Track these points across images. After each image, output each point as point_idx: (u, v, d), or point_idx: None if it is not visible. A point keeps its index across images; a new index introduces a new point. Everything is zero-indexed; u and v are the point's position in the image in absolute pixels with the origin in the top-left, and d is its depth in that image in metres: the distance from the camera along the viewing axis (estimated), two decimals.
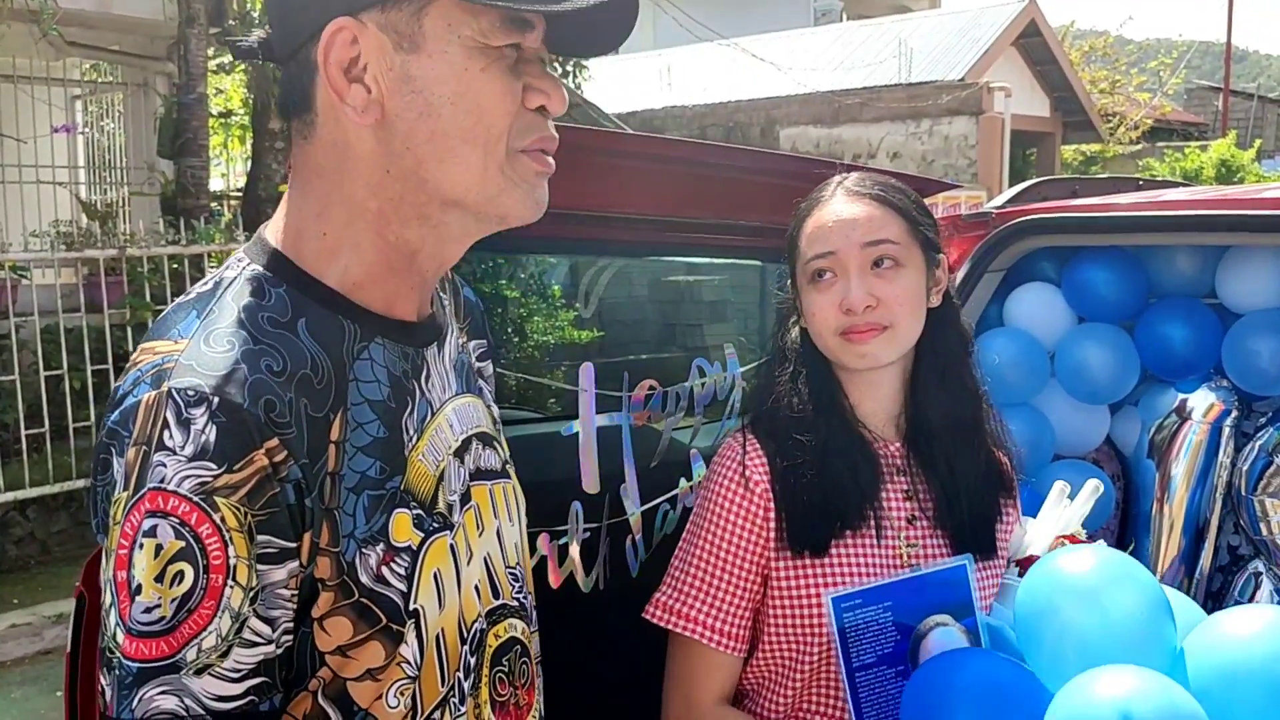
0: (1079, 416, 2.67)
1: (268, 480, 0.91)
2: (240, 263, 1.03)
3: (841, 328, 1.47)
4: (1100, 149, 18.25)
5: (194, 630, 0.89)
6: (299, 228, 1.04)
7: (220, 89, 10.30)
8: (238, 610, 0.90)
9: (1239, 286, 2.51)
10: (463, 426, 1.14)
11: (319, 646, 0.97)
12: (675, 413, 1.87)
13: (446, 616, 1.05)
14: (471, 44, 0.97)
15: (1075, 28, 21.63)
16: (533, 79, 1.00)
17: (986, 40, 14.41)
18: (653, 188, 1.85)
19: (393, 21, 0.97)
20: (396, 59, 0.98)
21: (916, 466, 1.54)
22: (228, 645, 0.90)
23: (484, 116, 0.98)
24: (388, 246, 1.04)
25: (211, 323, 0.97)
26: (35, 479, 6.05)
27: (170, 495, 0.89)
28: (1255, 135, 20.47)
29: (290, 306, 1.00)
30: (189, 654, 0.89)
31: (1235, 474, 2.47)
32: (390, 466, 1.02)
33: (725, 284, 2.86)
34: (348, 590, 0.97)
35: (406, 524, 1.01)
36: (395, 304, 1.07)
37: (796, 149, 13.69)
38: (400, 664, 1.00)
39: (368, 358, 1.03)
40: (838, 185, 1.55)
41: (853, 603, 1.39)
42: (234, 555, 0.90)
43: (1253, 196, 2.54)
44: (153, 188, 8.20)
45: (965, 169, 13.05)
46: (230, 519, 0.90)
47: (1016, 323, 2.65)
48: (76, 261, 6.45)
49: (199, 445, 0.89)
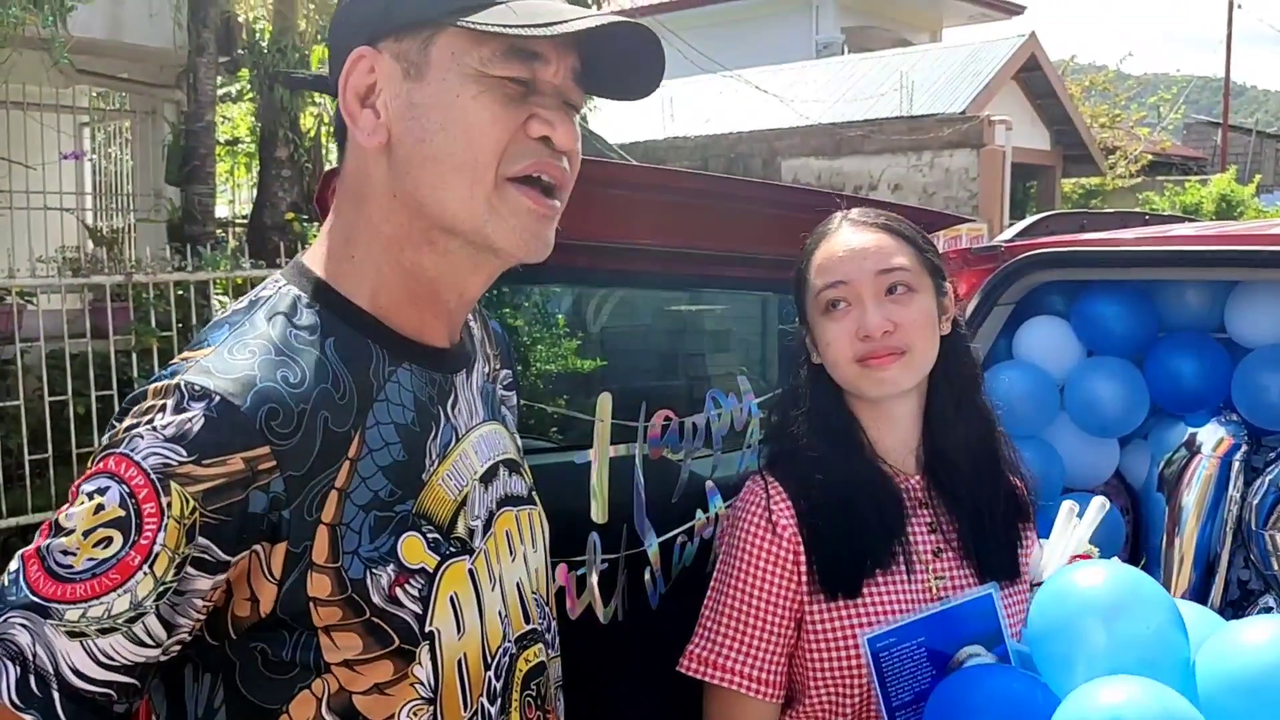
0: (1089, 449, 2.68)
1: (235, 486, 0.92)
2: (276, 284, 1.07)
3: (859, 355, 1.47)
4: (1100, 182, 18.33)
5: (88, 594, 0.90)
6: (332, 252, 1.09)
7: (227, 117, 10.37)
8: (140, 599, 0.91)
9: (1248, 321, 2.52)
10: (490, 453, 1.16)
11: (325, 656, 0.98)
12: (693, 444, 1.88)
13: (467, 641, 1.06)
14: (470, 72, 1.00)
15: (1075, 62, 21.80)
16: (540, 109, 1.02)
17: (987, 74, 14.51)
18: (656, 218, 1.87)
19: (404, 50, 1.02)
20: (404, 86, 1.02)
21: (938, 498, 1.54)
22: (112, 625, 0.90)
23: (472, 142, 1.01)
24: (406, 273, 1.07)
25: (240, 335, 1.00)
26: (38, 505, 6.03)
27: (132, 464, 0.91)
28: (1254, 170, 20.58)
29: (320, 326, 1.03)
30: (70, 613, 0.89)
31: (1245, 508, 2.47)
32: (403, 490, 1.03)
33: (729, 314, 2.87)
34: (356, 608, 0.98)
35: (419, 547, 1.03)
36: (425, 330, 1.10)
37: (798, 180, 13.76)
38: (413, 684, 1.01)
39: (396, 381, 1.05)
40: (842, 219, 1.57)
41: (887, 641, 1.40)
42: (161, 544, 0.91)
43: (1262, 232, 2.56)
44: (159, 214, 8.24)
45: (966, 201, 13.11)
46: (177, 508, 0.91)
47: (1026, 356, 2.67)
48: (83, 287, 6.48)
49: (180, 431, 0.92)
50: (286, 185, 8.45)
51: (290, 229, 8.17)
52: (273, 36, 8.44)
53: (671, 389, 2.27)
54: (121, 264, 6.83)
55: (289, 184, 8.47)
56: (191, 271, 6.65)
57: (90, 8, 6.64)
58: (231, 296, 7.08)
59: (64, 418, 6.16)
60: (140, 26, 7.52)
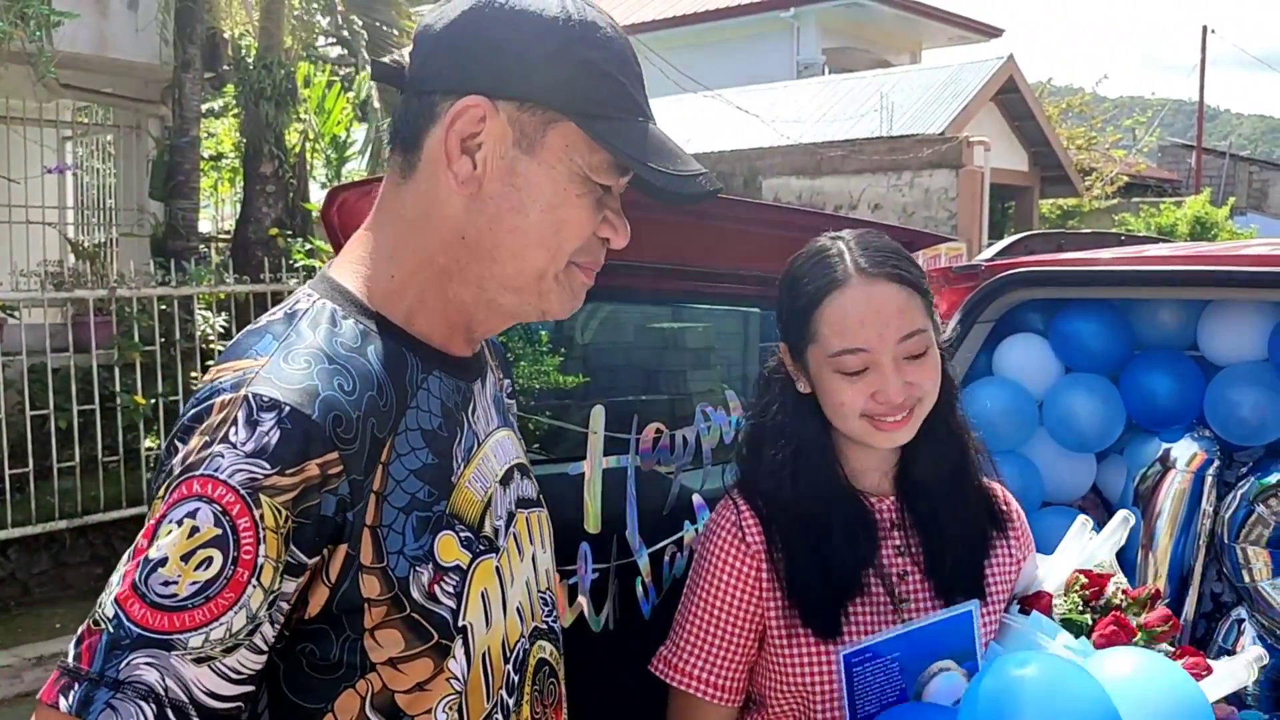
0: (1066, 464, 2.73)
1: (313, 490, 0.96)
2: (310, 297, 1.10)
3: (869, 413, 1.46)
4: (1077, 203, 18.52)
5: (207, 618, 0.91)
6: (369, 267, 1.12)
7: (212, 133, 10.37)
8: (254, 611, 0.93)
9: (1219, 339, 2.58)
10: (505, 457, 1.22)
11: (370, 656, 1.01)
12: (684, 458, 1.92)
13: (493, 635, 1.11)
14: (578, 171, 1.07)
15: (1052, 85, 22.04)
16: (611, 214, 1.12)
17: (966, 95, 14.67)
18: (643, 236, 1.90)
19: (522, 121, 1.06)
20: (511, 152, 1.07)
21: (909, 519, 1.55)
22: (235, 643, 0.93)
23: (563, 232, 1.09)
24: (446, 302, 1.12)
25: (290, 345, 1.03)
26: (17, 519, 6.00)
27: (220, 484, 0.93)
28: (1228, 192, 20.84)
29: (360, 335, 1.07)
30: (193, 640, 0.91)
31: (1218, 522, 2.52)
32: (438, 491, 1.08)
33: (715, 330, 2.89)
34: (400, 605, 1.02)
35: (453, 545, 1.07)
36: (450, 343, 1.15)
37: (779, 199, 13.85)
38: (449, 679, 1.06)
39: (427, 389, 1.10)
40: (850, 261, 1.49)
41: (864, 657, 1.42)
42: (264, 555, 0.93)
43: (1233, 253, 2.62)
44: (143, 229, 8.23)
45: (945, 221, 13.22)
46: (270, 519, 0.93)
47: (1005, 373, 2.72)
48: (65, 301, 6.46)
49: (260, 444, 0.94)
50: (270, 201, 8.46)
51: (274, 244, 8.17)
52: (258, 53, 8.46)
53: (661, 403, 2.31)
54: (104, 278, 6.82)
55: (273, 199, 8.48)
56: (175, 286, 6.65)
57: (76, 22, 6.64)
58: (215, 311, 7.08)
59: (45, 432, 6.14)
60: (126, 42, 7.54)
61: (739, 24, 20.47)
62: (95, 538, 6.40)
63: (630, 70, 1.09)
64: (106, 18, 7.42)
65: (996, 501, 1.64)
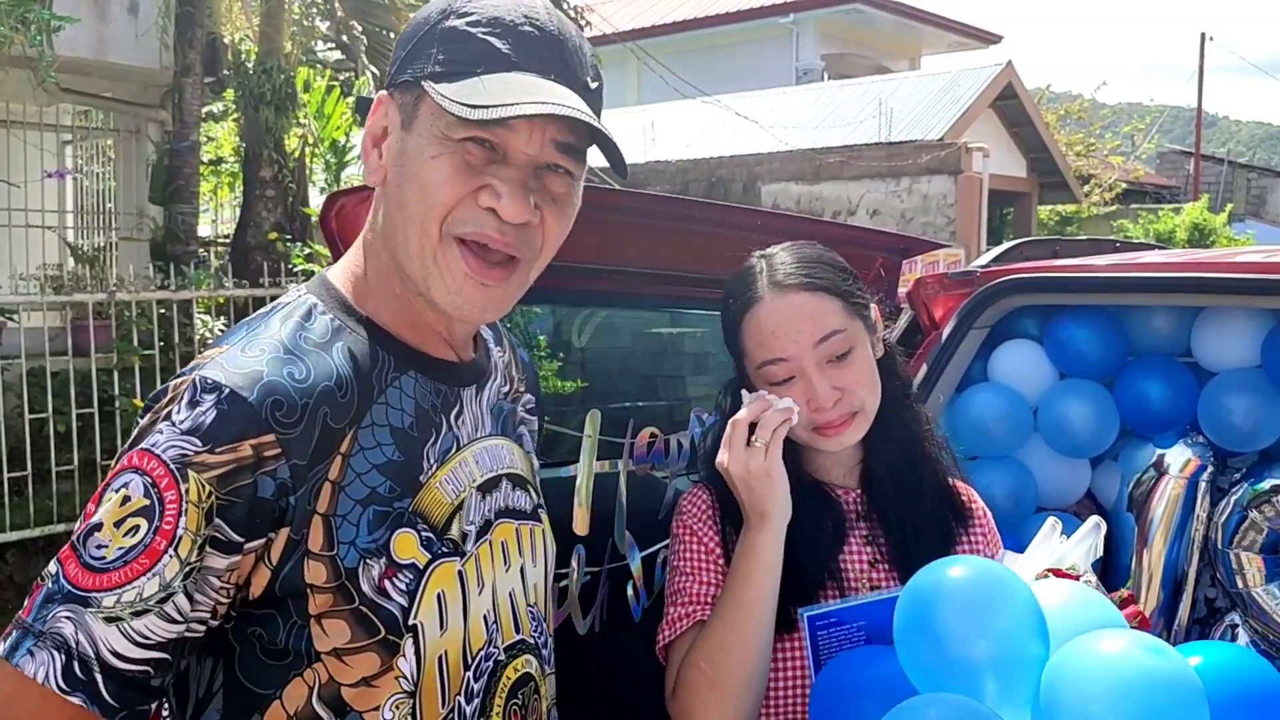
0: (1061, 470, 2.74)
1: (243, 470, 1.00)
2: (297, 292, 1.15)
3: (813, 424, 1.50)
4: (1075, 209, 18.56)
5: (122, 580, 0.97)
6: (351, 268, 1.18)
7: (211, 137, 10.39)
8: (168, 580, 0.98)
9: (1213, 346, 2.59)
10: (492, 465, 1.21)
11: (316, 645, 1.04)
12: (678, 462, 1.93)
13: (449, 639, 1.11)
14: (438, 134, 1.07)
15: (1051, 91, 22.10)
16: (495, 180, 1.07)
17: (965, 102, 14.71)
18: (638, 241, 1.92)
19: (405, 102, 1.10)
20: (400, 134, 1.10)
21: (874, 510, 1.58)
22: (144, 608, 0.98)
23: (424, 197, 1.07)
24: (399, 299, 1.14)
25: (255, 335, 1.09)
26: (16, 522, 6.00)
27: (153, 457, 1.00)
28: (1226, 199, 20.87)
29: (331, 331, 1.10)
30: (106, 599, 0.97)
31: (1212, 528, 2.53)
32: (401, 488, 1.09)
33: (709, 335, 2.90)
34: (347, 595, 1.04)
35: (411, 543, 1.09)
36: (427, 345, 1.16)
37: (778, 205, 13.88)
38: (397, 678, 1.07)
39: (399, 387, 1.12)
40: (763, 278, 1.54)
41: (827, 621, 1.43)
42: (184, 527, 0.98)
43: (1226, 260, 2.64)
44: (142, 233, 8.24)
45: (944, 227, 13.25)
46: (194, 493, 0.98)
47: (1000, 378, 2.73)
48: (65, 305, 6.47)
49: (195, 423, 1.00)
50: (270, 205, 8.48)
51: (273, 249, 8.18)
52: (258, 58, 8.48)
53: (656, 408, 2.32)
54: (104, 282, 6.83)
55: (272, 204, 8.49)
56: (174, 290, 6.66)
57: (77, 27, 6.66)
58: (214, 316, 7.09)
59: (43, 435, 6.14)
60: (126, 46, 7.55)
61: (739, 30, 20.53)
62: None
63: (504, 25, 1.07)
64: (107, 22, 7.44)
65: (959, 496, 1.66)
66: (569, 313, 2.96)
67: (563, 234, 1.15)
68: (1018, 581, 1.34)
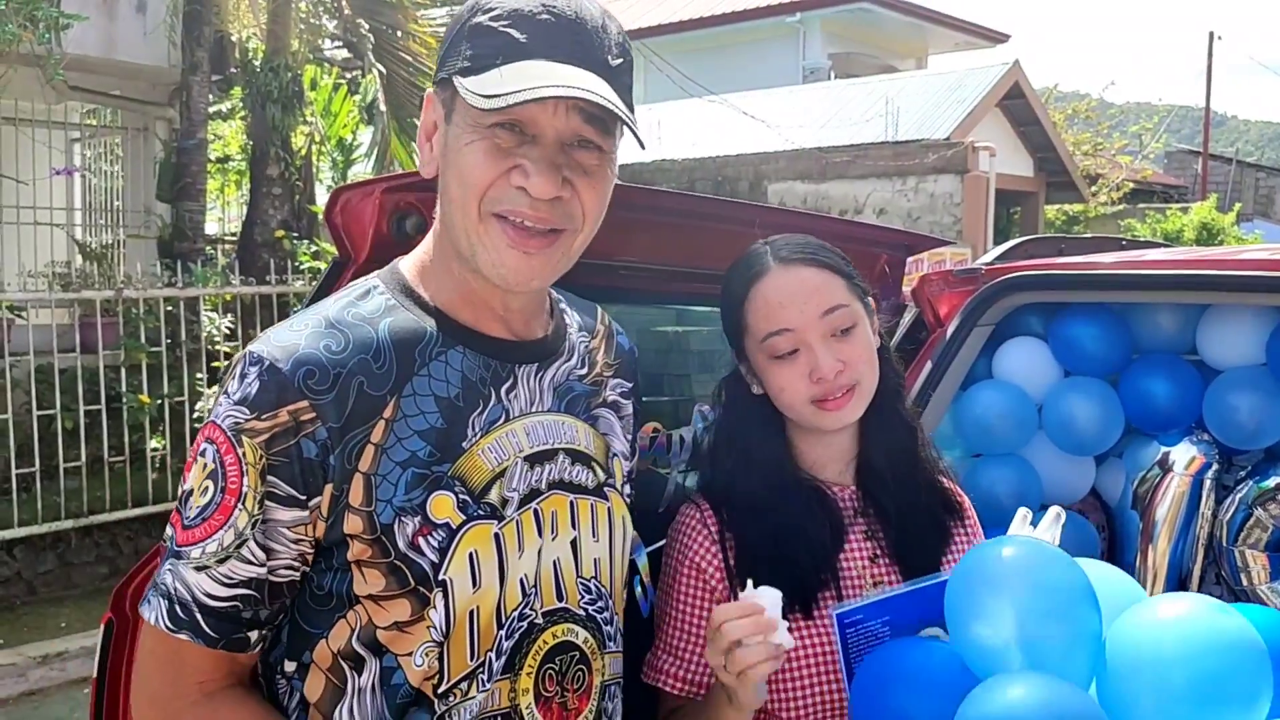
0: (1065, 467, 2.74)
1: (286, 433, 1.12)
2: (367, 280, 1.27)
3: (814, 397, 1.51)
4: (1083, 209, 18.52)
5: (205, 534, 1.13)
6: (420, 255, 1.29)
7: (219, 135, 10.41)
8: (241, 530, 1.13)
9: (1218, 344, 2.59)
10: (547, 438, 1.27)
11: (355, 589, 1.16)
12: (680, 457, 1.93)
13: (482, 596, 1.18)
14: (471, 123, 1.16)
15: (1058, 90, 22.05)
16: (525, 160, 1.15)
17: (971, 101, 14.68)
18: (646, 237, 1.92)
19: (445, 98, 1.19)
20: (445, 128, 1.20)
21: (871, 506, 1.59)
22: (226, 555, 1.13)
23: (464, 181, 1.17)
24: (459, 281, 1.24)
25: (307, 312, 1.22)
26: (23, 519, 6.03)
27: (217, 428, 1.14)
28: (1234, 198, 20.82)
29: (384, 309, 1.22)
30: (194, 551, 1.14)
31: (1217, 525, 2.53)
32: (442, 453, 1.18)
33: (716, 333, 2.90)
34: (384, 549, 1.14)
35: (448, 504, 1.17)
36: (482, 324, 1.25)
37: (784, 204, 13.87)
38: (428, 627, 1.15)
39: (444, 360, 1.21)
40: (768, 255, 1.56)
41: (855, 617, 1.44)
42: (247, 485, 1.12)
43: (1231, 258, 2.63)
44: (149, 230, 8.27)
45: (950, 226, 13.23)
46: (250, 455, 1.12)
47: (1005, 376, 2.73)
48: (72, 302, 6.50)
49: (244, 394, 1.13)
50: (277, 203, 8.50)
51: (280, 246, 8.21)
52: (265, 56, 8.50)
53: (661, 404, 2.32)
54: (111, 279, 6.86)
55: (279, 201, 8.52)
56: (181, 288, 6.68)
57: (85, 25, 6.69)
58: (220, 313, 7.11)
59: (51, 432, 6.17)
60: (134, 44, 7.58)
61: (745, 29, 20.51)
62: (101, 537, 6.43)
63: (521, 16, 1.14)
64: (115, 21, 7.47)
65: (950, 492, 1.67)
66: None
67: (601, 204, 1.22)
68: (1066, 557, 1.38)
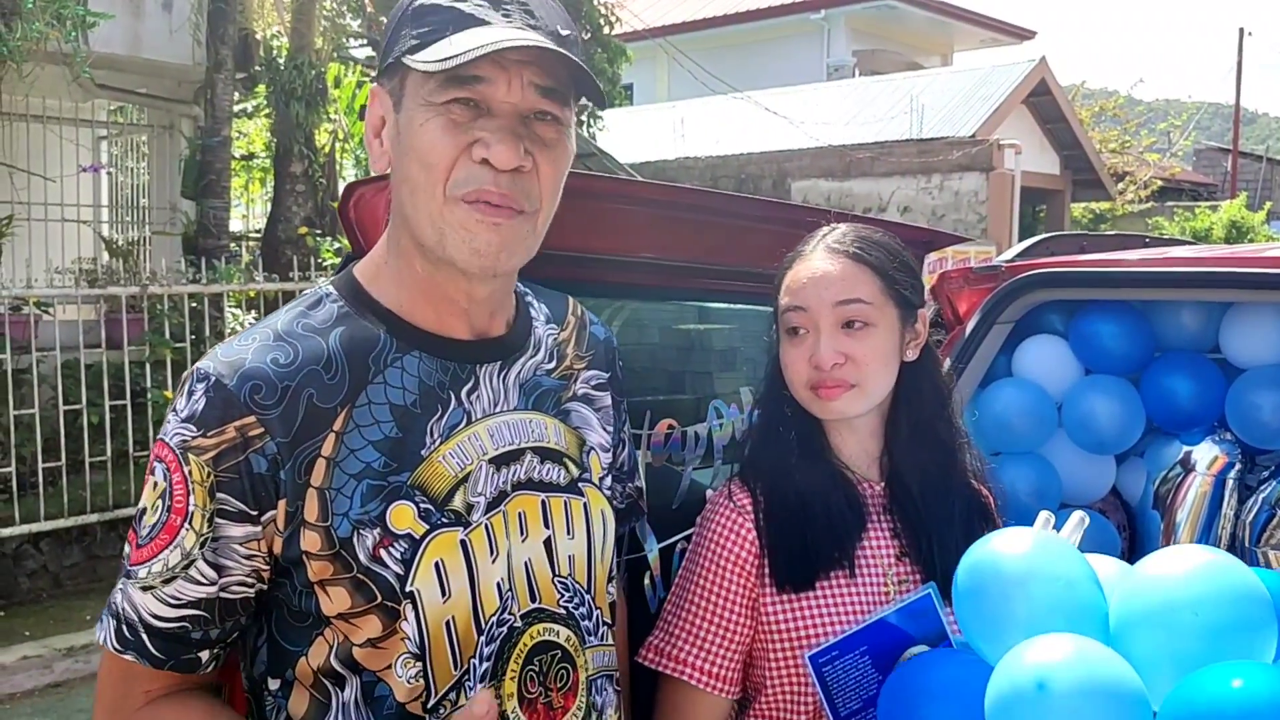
0: (1085, 466, 2.71)
1: (234, 449, 1.09)
2: (319, 284, 1.23)
3: (811, 382, 1.52)
4: (1109, 207, 18.38)
5: (151, 554, 1.11)
6: (374, 259, 1.24)
7: (243, 132, 10.49)
8: (189, 550, 1.10)
9: (1241, 342, 2.56)
10: (512, 438, 1.23)
11: (323, 610, 1.12)
12: (695, 453, 1.92)
13: (455, 605, 1.15)
14: (423, 102, 1.12)
15: (1085, 88, 21.88)
16: (484, 133, 1.11)
17: (997, 98, 14.59)
18: (665, 233, 1.91)
19: (393, 87, 1.15)
20: (394, 117, 1.15)
21: (898, 507, 1.58)
22: (172, 575, 1.11)
23: (424, 164, 1.12)
24: (419, 278, 1.19)
25: (257, 326, 1.18)
26: (50, 512, 6.10)
27: (166, 447, 1.12)
28: (1264, 197, 20.60)
29: (335, 318, 1.17)
30: (140, 571, 1.12)
31: (1239, 526, 2.50)
32: (398, 462, 1.14)
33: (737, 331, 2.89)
34: (345, 564, 1.11)
35: (408, 515, 1.14)
36: (443, 325, 1.21)
37: (807, 201, 13.83)
38: (402, 639, 1.12)
39: (399, 367, 1.17)
40: (820, 240, 1.59)
41: (829, 655, 1.41)
42: (194, 504, 1.10)
43: (1255, 255, 2.60)
44: (175, 227, 8.34)
45: (975, 224, 13.16)
46: (196, 473, 1.10)
47: (1025, 373, 2.71)
48: (98, 298, 6.56)
49: (191, 411, 1.11)
50: (300, 200, 8.56)
51: (303, 243, 8.26)
52: (289, 53, 8.55)
53: (677, 402, 2.32)
54: (137, 276, 6.92)
55: (303, 199, 8.57)
56: (205, 284, 6.73)
57: (111, 24, 6.74)
58: (244, 309, 7.16)
59: (77, 427, 6.24)
60: (160, 42, 7.64)
61: (769, 26, 20.47)
62: (126, 531, 6.44)
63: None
64: (141, 19, 7.53)
65: (987, 505, 1.65)
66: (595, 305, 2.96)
67: (559, 179, 1.18)
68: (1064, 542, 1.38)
